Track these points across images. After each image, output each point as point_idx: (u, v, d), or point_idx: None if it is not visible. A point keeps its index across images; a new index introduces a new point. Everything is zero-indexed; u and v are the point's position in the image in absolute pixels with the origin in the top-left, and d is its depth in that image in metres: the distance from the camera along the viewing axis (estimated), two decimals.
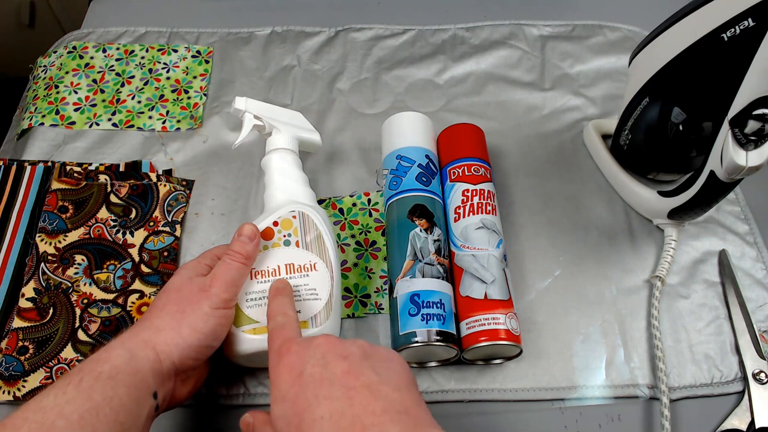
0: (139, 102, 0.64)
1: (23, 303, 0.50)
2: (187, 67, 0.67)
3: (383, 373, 0.33)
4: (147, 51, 0.68)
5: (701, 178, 0.46)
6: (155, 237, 0.54)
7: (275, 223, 0.46)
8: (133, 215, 0.55)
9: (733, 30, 0.41)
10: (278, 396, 0.33)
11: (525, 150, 0.61)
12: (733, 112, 0.41)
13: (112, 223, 0.54)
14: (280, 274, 0.44)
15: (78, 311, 0.49)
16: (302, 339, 0.36)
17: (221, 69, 0.67)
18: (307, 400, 0.32)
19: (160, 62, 0.67)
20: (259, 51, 0.69)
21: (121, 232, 0.54)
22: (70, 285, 0.51)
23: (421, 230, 0.48)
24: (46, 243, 0.53)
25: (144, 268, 0.52)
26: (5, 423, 0.32)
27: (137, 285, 0.51)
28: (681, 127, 0.49)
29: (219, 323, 0.41)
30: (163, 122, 0.62)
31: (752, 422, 0.45)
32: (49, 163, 0.58)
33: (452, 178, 0.52)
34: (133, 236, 0.54)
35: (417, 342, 0.44)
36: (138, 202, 0.55)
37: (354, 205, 0.56)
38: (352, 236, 0.54)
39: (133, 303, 0.50)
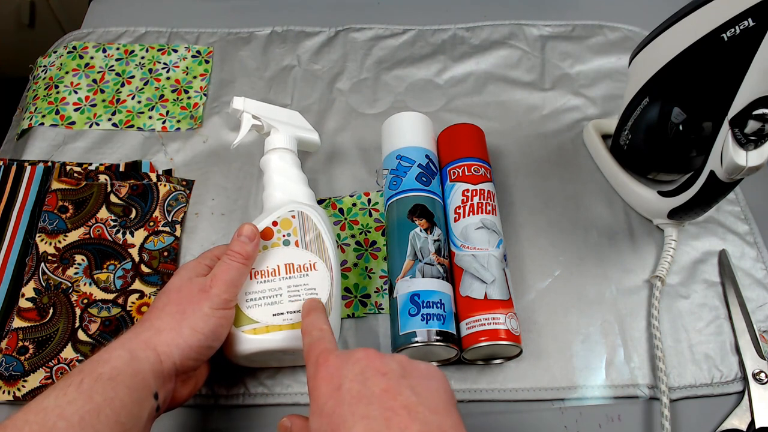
0: (139, 102, 0.64)
1: (23, 303, 0.50)
2: (187, 67, 0.67)
3: (422, 393, 0.32)
4: (147, 51, 0.68)
5: (701, 178, 0.46)
6: (155, 237, 0.54)
7: (274, 223, 0.46)
8: (133, 215, 0.55)
9: (733, 30, 0.41)
10: (316, 409, 0.33)
11: (525, 150, 0.61)
12: (733, 112, 0.41)
13: (112, 223, 0.54)
14: (279, 274, 0.44)
15: (78, 311, 0.49)
16: (340, 351, 0.35)
17: (221, 69, 0.67)
18: (343, 416, 0.31)
19: (160, 62, 0.67)
20: (259, 51, 0.69)
21: (121, 232, 0.54)
22: (70, 285, 0.51)
23: (421, 230, 0.48)
24: (46, 243, 0.53)
25: (144, 268, 0.52)
26: (6, 424, 0.32)
27: (137, 285, 0.51)
28: (681, 127, 0.49)
29: (219, 323, 0.41)
30: (163, 122, 0.62)
31: (752, 422, 0.45)
32: (49, 163, 0.58)
33: (452, 178, 0.52)
34: (133, 236, 0.54)
35: (417, 342, 0.44)
36: (138, 202, 0.55)
37: (354, 205, 0.56)
38: (352, 236, 0.54)
39: (133, 303, 0.50)
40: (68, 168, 0.57)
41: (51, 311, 0.49)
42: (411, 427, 0.30)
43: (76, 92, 0.64)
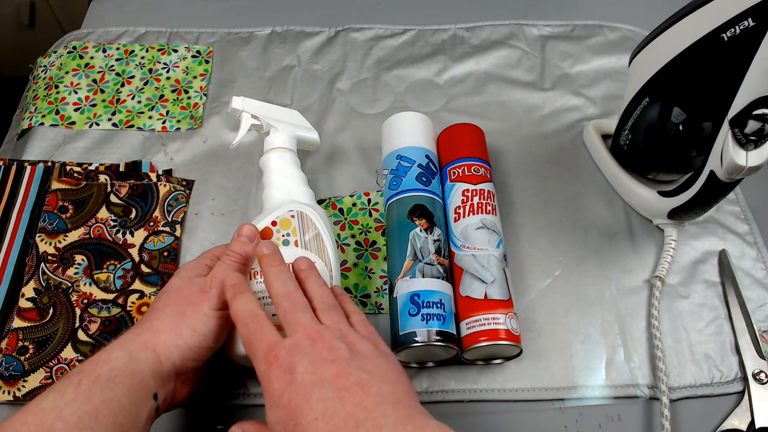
0: (139, 102, 0.64)
1: (23, 303, 0.50)
2: (187, 67, 0.67)
3: (372, 371, 0.34)
4: (147, 51, 0.68)
5: (701, 178, 0.45)
6: (155, 237, 0.54)
7: (274, 223, 0.46)
8: (133, 215, 0.55)
9: (733, 30, 0.41)
10: (272, 404, 0.34)
11: (525, 150, 0.61)
12: (733, 112, 0.41)
13: (112, 223, 0.54)
14: None
15: (78, 311, 0.49)
16: (286, 343, 0.35)
17: (221, 69, 0.67)
18: (299, 404, 0.32)
19: (160, 62, 0.67)
20: (259, 51, 0.69)
21: (121, 232, 0.54)
22: (70, 285, 0.51)
23: (421, 230, 0.48)
24: (46, 243, 0.53)
25: (144, 268, 0.52)
26: (4, 426, 0.32)
27: (137, 285, 0.51)
28: (681, 127, 0.49)
29: (219, 324, 0.41)
30: (163, 122, 0.62)
31: (752, 422, 0.45)
32: (49, 163, 0.58)
33: (452, 178, 0.52)
34: (133, 236, 0.54)
35: (417, 342, 0.44)
36: (138, 202, 0.56)
37: (354, 205, 0.56)
38: (352, 236, 0.54)
39: (133, 303, 0.50)
40: (68, 168, 0.57)
41: (51, 311, 0.49)
42: (366, 400, 0.32)
43: (76, 92, 0.64)
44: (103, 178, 0.57)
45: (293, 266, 0.43)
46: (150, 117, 0.62)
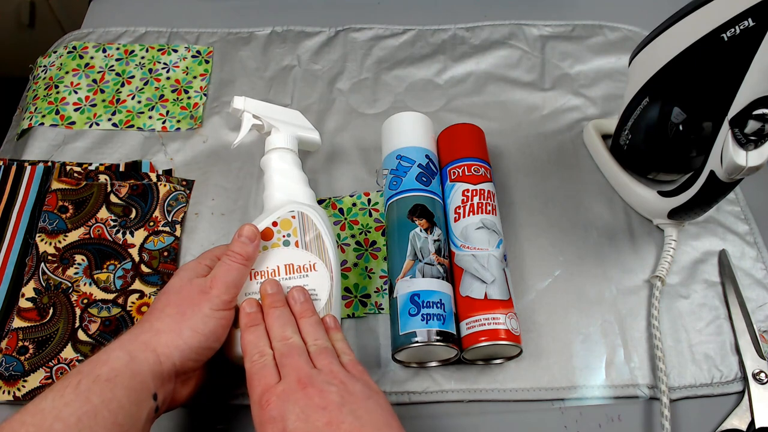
0: (139, 102, 0.64)
1: (23, 303, 0.50)
2: (187, 67, 0.67)
3: (363, 416, 0.35)
4: (147, 51, 0.68)
5: (701, 178, 0.46)
6: (155, 237, 0.54)
7: (274, 224, 0.46)
8: (133, 215, 0.55)
9: (733, 30, 0.41)
10: None
11: (525, 150, 0.61)
12: (733, 112, 0.41)
13: (112, 223, 0.54)
14: (279, 275, 0.44)
15: (78, 311, 0.49)
16: (279, 389, 0.36)
17: (221, 69, 0.67)
18: None
19: (160, 62, 0.67)
20: (259, 51, 0.69)
21: (121, 232, 0.54)
22: (70, 285, 0.51)
23: (421, 230, 0.48)
24: (46, 243, 0.53)
25: (144, 268, 0.52)
26: (3, 426, 0.32)
27: (137, 285, 0.51)
28: (681, 127, 0.49)
29: (219, 325, 0.41)
30: (163, 122, 0.62)
31: (752, 422, 0.45)
32: (49, 163, 0.58)
33: (452, 178, 0.52)
34: (133, 236, 0.54)
35: (417, 342, 0.44)
36: (138, 202, 0.55)
37: (354, 205, 0.56)
38: (352, 236, 0.54)
39: (133, 303, 0.50)
40: (68, 168, 0.57)
41: (51, 311, 0.49)
42: None
43: (76, 92, 0.64)
44: (103, 178, 0.57)
45: (288, 297, 0.43)
46: (150, 117, 0.62)
